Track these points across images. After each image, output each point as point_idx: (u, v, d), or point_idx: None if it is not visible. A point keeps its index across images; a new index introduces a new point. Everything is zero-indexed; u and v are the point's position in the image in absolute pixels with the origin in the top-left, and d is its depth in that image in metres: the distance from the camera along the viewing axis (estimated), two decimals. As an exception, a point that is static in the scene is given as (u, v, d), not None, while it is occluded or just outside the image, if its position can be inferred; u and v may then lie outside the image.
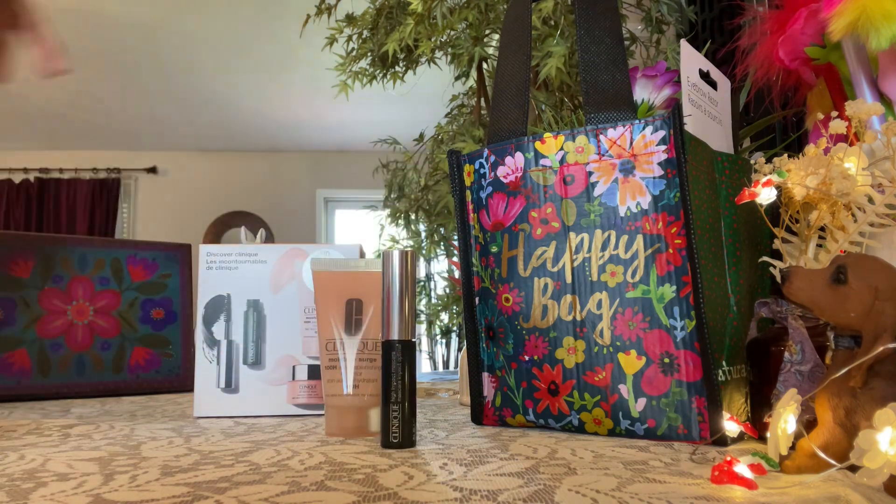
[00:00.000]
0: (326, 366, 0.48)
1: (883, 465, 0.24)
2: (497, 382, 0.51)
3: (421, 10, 0.94)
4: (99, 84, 3.49)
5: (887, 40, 0.49)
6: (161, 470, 0.34)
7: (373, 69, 1.08)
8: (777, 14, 0.61)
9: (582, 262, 0.47)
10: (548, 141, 0.49)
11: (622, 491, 0.29)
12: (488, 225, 0.52)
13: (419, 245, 1.29)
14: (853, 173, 0.43)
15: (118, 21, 2.88)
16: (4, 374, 0.79)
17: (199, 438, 0.46)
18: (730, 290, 0.48)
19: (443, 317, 1.74)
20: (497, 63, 0.55)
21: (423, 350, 2.36)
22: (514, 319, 0.50)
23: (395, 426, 0.41)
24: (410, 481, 0.31)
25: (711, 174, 0.48)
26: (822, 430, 0.31)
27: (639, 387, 0.44)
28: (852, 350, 0.32)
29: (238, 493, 0.29)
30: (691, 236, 0.43)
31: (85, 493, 0.29)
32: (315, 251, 0.62)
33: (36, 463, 0.36)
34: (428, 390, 0.86)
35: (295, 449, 0.41)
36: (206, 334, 0.60)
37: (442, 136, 1.13)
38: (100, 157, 4.37)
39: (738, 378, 0.46)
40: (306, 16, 1.17)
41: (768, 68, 0.62)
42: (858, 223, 0.44)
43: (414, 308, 0.43)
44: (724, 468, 0.30)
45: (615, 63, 0.48)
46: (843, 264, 0.32)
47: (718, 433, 0.41)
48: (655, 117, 0.45)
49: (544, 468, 0.34)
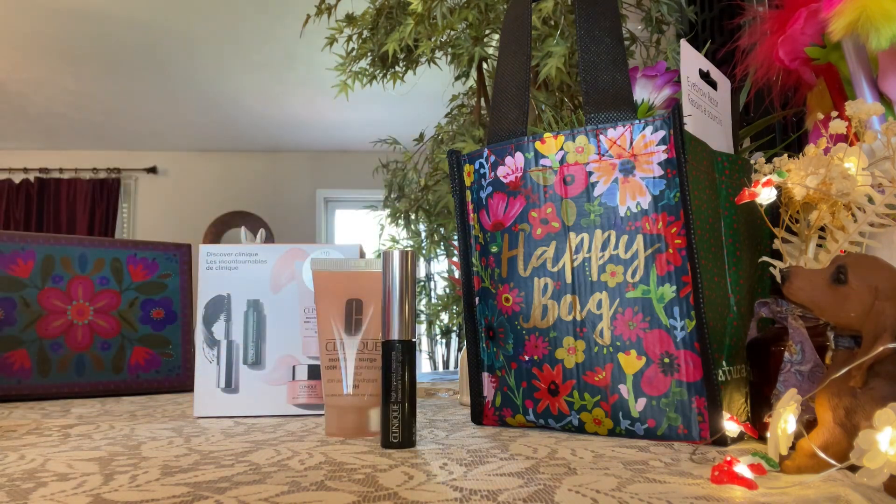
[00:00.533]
0: (326, 366, 0.48)
1: (883, 465, 0.24)
2: (497, 382, 0.51)
3: (421, 10, 0.94)
4: (99, 84, 3.49)
5: (887, 40, 0.49)
6: (161, 470, 0.34)
7: (373, 69, 1.08)
8: (777, 14, 0.61)
9: (582, 262, 0.47)
10: (548, 141, 0.49)
11: (622, 491, 0.29)
12: (488, 225, 0.52)
13: (419, 245, 1.29)
14: (853, 173, 0.43)
15: (118, 21, 2.88)
16: (4, 374, 0.79)
17: (199, 438, 0.46)
18: (730, 290, 0.48)
19: (443, 317, 1.74)
20: (497, 63, 0.55)
21: (423, 350, 2.36)
22: (514, 319, 0.50)
23: (395, 426, 0.41)
24: (410, 481, 0.31)
25: (711, 174, 0.48)
26: (822, 430, 0.31)
27: (639, 387, 0.44)
28: (852, 350, 0.32)
29: (238, 493, 0.29)
30: (691, 236, 0.43)
31: (85, 493, 0.29)
32: (315, 251, 0.62)
33: (36, 463, 0.36)
34: (428, 390, 0.86)
35: (295, 449, 0.41)
36: (206, 334, 0.60)
37: (442, 136, 1.13)
38: (100, 157, 4.37)
39: (738, 378, 0.46)
40: (306, 16, 1.17)
41: (768, 68, 0.62)
42: (858, 223, 0.44)
43: (414, 308, 0.43)
44: (724, 468, 0.30)
45: (615, 63, 0.48)
46: (843, 264, 0.32)
47: (718, 433, 0.41)
48: (655, 117, 0.45)
49: (544, 468, 0.34)
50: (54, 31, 2.94)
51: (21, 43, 3.05)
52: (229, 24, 2.92)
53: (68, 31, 2.96)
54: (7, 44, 3.05)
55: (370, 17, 1.07)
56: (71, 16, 2.83)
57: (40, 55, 3.18)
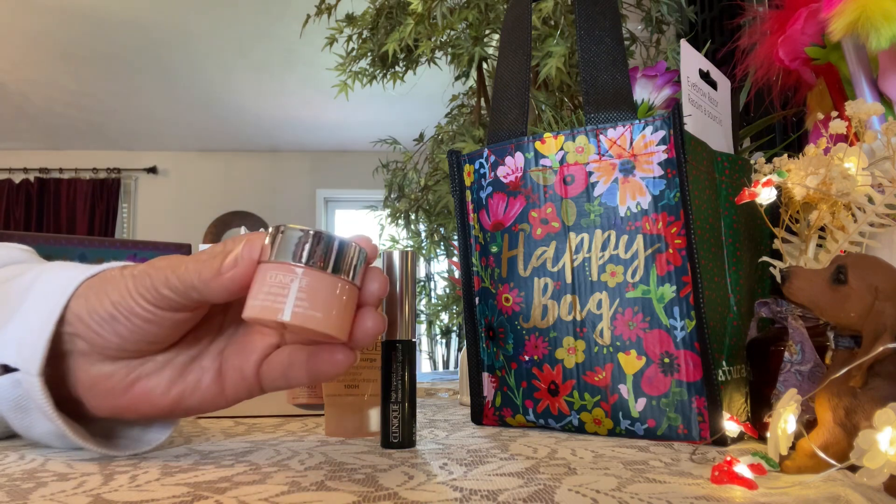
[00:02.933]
0: (326, 366, 0.48)
1: (883, 465, 0.24)
2: (497, 382, 0.51)
3: (421, 10, 0.94)
4: (99, 84, 3.49)
5: (887, 40, 0.49)
6: (161, 470, 0.34)
7: (373, 69, 1.08)
8: (777, 14, 0.61)
9: (582, 262, 0.47)
10: (548, 141, 0.49)
11: (622, 491, 0.29)
12: (488, 225, 0.52)
13: (419, 245, 1.29)
14: (853, 173, 0.43)
15: (118, 21, 2.88)
16: (4, 374, 0.79)
17: (199, 438, 0.46)
18: (730, 290, 0.48)
19: (443, 317, 1.74)
20: (497, 63, 0.55)
21: (423, 350, 2.36)
22: (514, 319, 0.50)
23: (395, 426, 0.41)
24: (410, 481, 0.31)
25: (711, 174, 0.48)
26: (822, 430, 0.31)
27: (639, 387, 0.44)
28: (852, 350, 0.32)
29: (238, 493, 0.29)
30: (691, 236, 0.43)
31: (85, 493, 0.29)
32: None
33: (36, 463, 0.36)
34: (428, 390, 0.86)
35: (295, 449, 0.41)
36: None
37: (442, 136, 1.13)
38: (100, 157, 4.37)
39: (738, 378, 0.46)
40: (306, 16, 1.17)
41: (768, 68, 0.62)
42: (858, 223, 0.44)
43: (414, 308, 0.43)
44: (724, 468, 0.30)
45: (615, 63, 0.48)
46: (843, 264, 0.32)
47: (718, 433, 0.41)
48: (655, 117, 0.45)
49: (544, 468, 0.34)
50: (54, 31, 2.94)
51: (21, 43, 3.05)
52: (229, 24, 2.92)
53: (68, 31, 2.96)
54: (7, 44, 3.06)
55: (370, 17, 1.07)
56: (71, 16, 2.83)
57: (40, 55, 3.18)
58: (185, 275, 0.32)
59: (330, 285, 0.31)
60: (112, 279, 0.34)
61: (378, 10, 1.05)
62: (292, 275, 0.30)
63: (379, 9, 1.05)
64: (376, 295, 0.33)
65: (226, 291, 0.32)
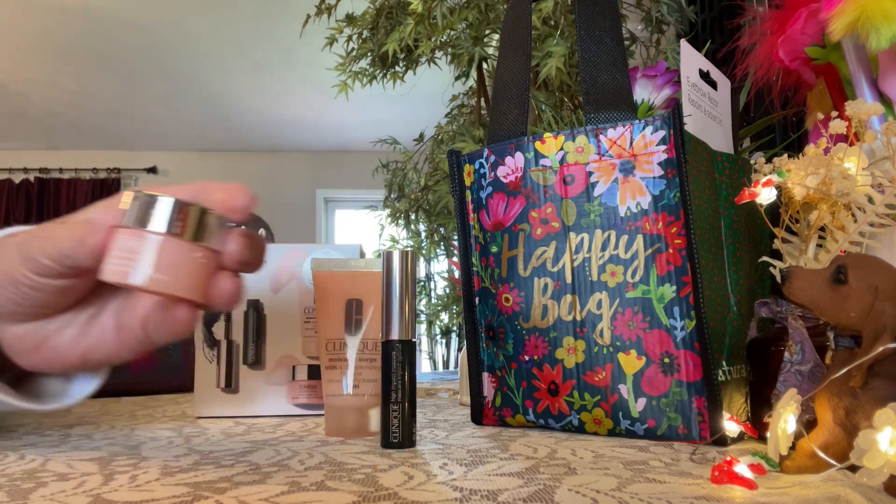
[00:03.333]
0: (326, 366, 0.48)
1: (883, 465, 0.24)
2: (497, 382, 0.51)
3: (421, 10, 0.94)
4: (99, 84, 3.49)
5: (887, 40, 0.49)
6: (161, 470, 0.34)
7: (373, 69, 1.08)
8: (777, 14, 0.61)
9: (582, 262, 0.47)
10: (548, 141, 0.49)
11: (622, 491, 0.29)
12: (488, 225, 0.52)
13: (419, 245, 1.29)
14: (853, 173, 0.43)
15: (118, 21, 2.88)
16: (4, 374, 0.79)
17: (199, 438, 0.46)
18: (730, 290, 0.48)
19: (443, 317, 1.74)
20: (497, 63, 0.55)
21: (423, 350, 2.36)
22: (514, 319, 0.50)
23: (395, 426, 0.41)
24: (410, 481, 0.31)
25: (711, 174, 0.48)
26: (822, 430, 0.31)
27: (639, 387, 0.44)
28: (852, 350, 0.32)
29: (238, 493, 0.29)
30: (691, 236, 0.43)
31: (85, 493, 0.29)
32: (315, 251, 0.62)
33: (36, 463, 0.36)
34: (428, 390, 0.86)
35: (295, 449, 0.41)
36: (206, 334, 0.60)
37: (442, 136, 1.13)
38: (100, 157, 4.37)
39: (738, 378, 0.46)
40: (306, 16, 1.17)
41: (768, 68, 0.62)
42: (858, 223, 0.44)
43: (414, 308, 0.43)
44: (724, 468, 0.30)
45: (615, 63, 0.48)
46: (843, 264, 0.32)
47: (718, 433, 0.41)
48: (655, 117, 0.45)
49: (544, 468, 0.34)
50: (54, 31, 2.94)
51: (21, 43, 3.05)
52: (229, 24, 2.92)
53: (68, 31, 2.96)
54: (7, 43, 3.06)
55: (370, 17, 1.07)
56: (71, 16, 2.83)
57: (40, 55, 3.18)
58: (58, 242, 0.33)
59: (178, 249, 0.32)
60: (2, 248, 0.35)
61: (378, 10, 1.05)
62: (142, 240, 0.32)
63: (379, 9, 1.05)
64: (234, 258, 0.34)
65: (93, 256, 0.33)
